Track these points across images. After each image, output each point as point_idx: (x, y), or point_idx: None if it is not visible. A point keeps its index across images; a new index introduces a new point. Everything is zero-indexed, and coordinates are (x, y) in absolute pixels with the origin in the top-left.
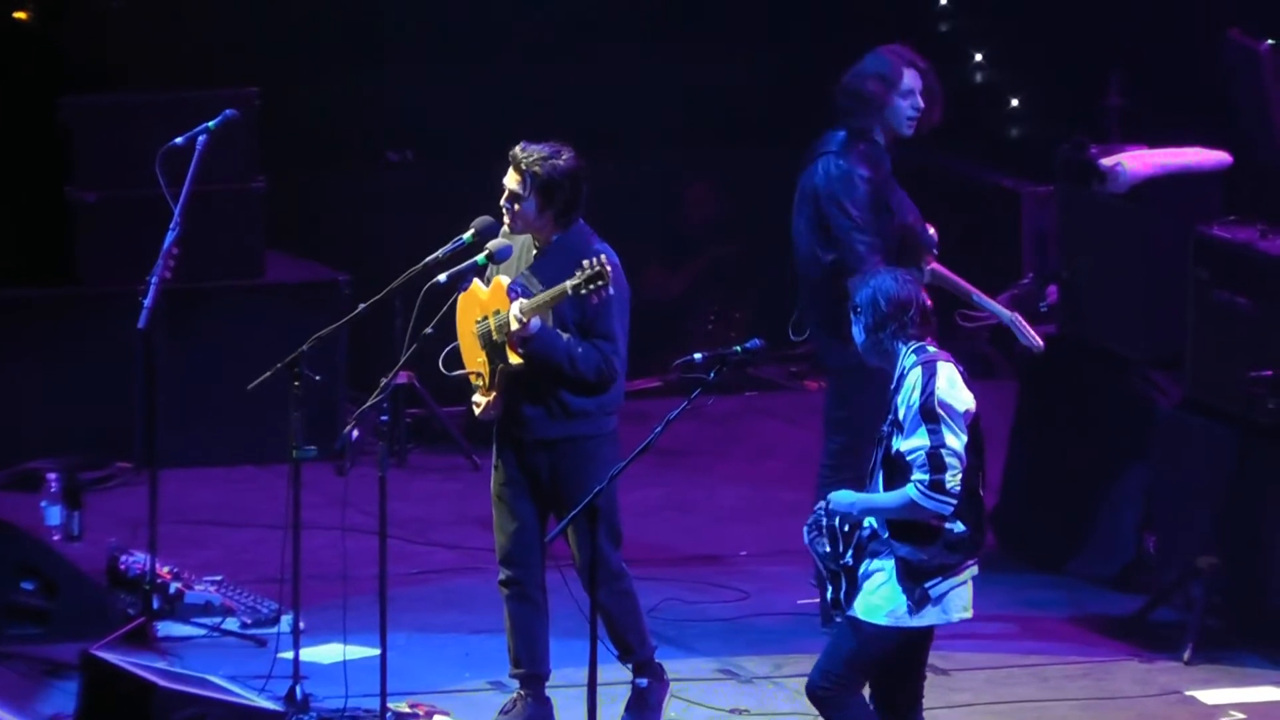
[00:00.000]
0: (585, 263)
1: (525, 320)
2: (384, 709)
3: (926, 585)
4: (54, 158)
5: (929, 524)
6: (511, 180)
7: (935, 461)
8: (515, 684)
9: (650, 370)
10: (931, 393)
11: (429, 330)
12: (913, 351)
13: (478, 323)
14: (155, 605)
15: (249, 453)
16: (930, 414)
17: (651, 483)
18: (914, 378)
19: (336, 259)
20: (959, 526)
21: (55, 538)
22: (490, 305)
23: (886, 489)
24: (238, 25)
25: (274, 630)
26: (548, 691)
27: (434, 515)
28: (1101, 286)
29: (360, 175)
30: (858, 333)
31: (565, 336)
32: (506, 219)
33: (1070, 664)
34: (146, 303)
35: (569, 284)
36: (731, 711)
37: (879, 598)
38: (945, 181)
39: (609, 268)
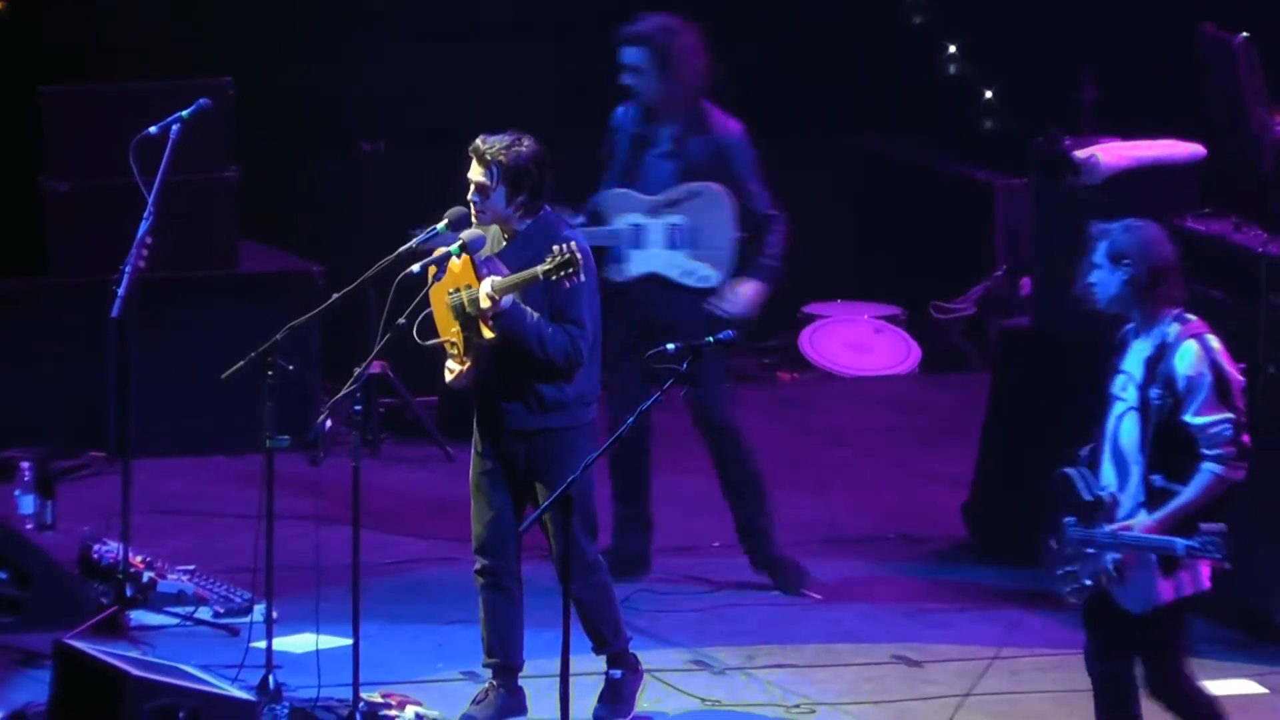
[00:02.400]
0: (556, 249)
1: (497, 298)
2: (357, 698)
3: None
4: (27, 147)
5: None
6: (476, 173)
7: (1239, 430)
8: (488, 674)
9: None
10: (1221, 366)
11: (402, 320)
12: (1174, 319)
13: (450, 294)
14: (128, 594)
15: (222, 442)
16: (1224, 387)
17: None
18: (1191, 350)
19: (310, 249)
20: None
21: (28, 527)
22: (462, 279)
23: (1157, 458)
24: (211, 15)
25: (247, 620)
26: (520, 682)
27: (407, 505)
28: (1075, 279)
29: (334, 165)
30: (1114, 283)
31: (535, 316)
32: (474, 213)
33: (1042, 656)
34: (120, 292)
35: (540, 269)
36: (704, 700)
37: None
38: (918, 174)
39: (579, 255)
